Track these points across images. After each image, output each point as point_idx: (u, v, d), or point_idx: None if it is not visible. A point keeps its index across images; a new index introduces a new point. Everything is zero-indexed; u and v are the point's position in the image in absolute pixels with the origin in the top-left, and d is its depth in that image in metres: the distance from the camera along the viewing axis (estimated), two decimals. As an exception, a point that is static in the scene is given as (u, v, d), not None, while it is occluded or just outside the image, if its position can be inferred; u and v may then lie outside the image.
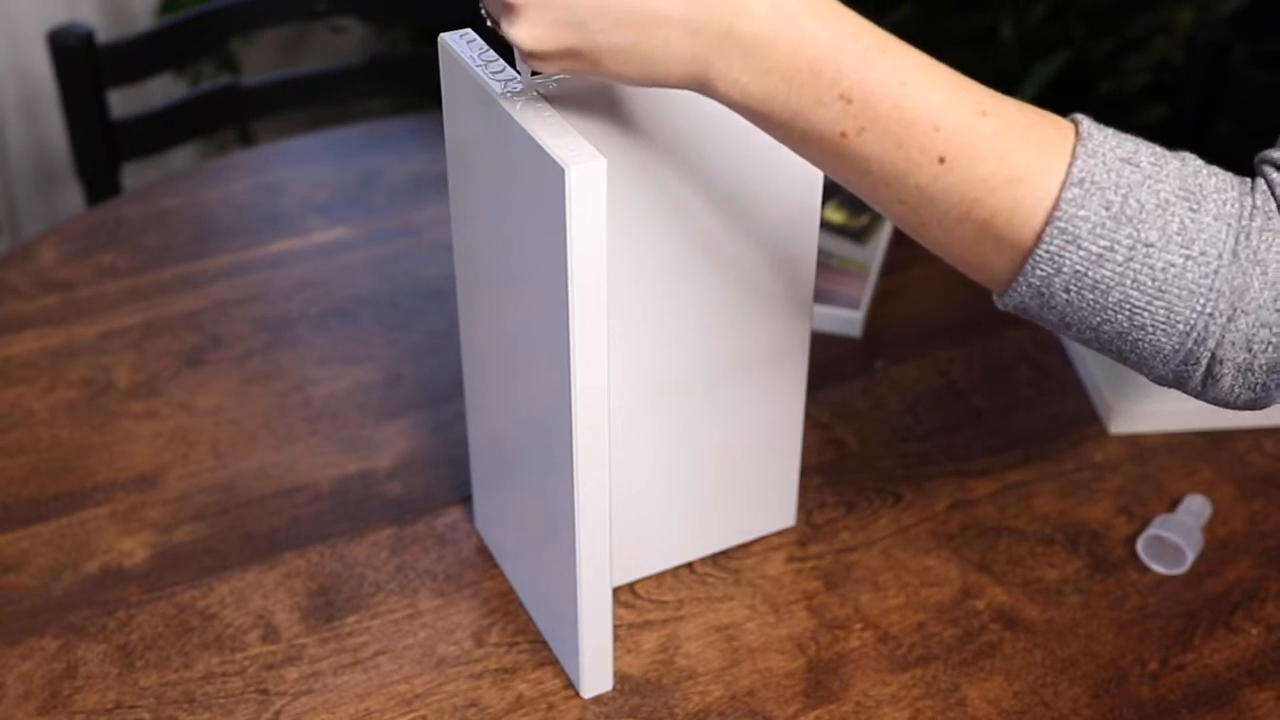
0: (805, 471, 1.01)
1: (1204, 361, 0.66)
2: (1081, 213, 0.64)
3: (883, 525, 0.97)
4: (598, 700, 0.85)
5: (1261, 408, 0.68)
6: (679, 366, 0.85)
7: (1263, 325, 0.64)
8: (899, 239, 1.25)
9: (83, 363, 1.11)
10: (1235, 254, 0.64)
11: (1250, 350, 0.65)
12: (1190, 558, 0.92)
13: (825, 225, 1.22)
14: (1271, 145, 0.70)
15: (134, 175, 2.25)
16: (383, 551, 0.95)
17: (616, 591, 0.92)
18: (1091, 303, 0.65)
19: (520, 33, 0.64)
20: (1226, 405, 0.68)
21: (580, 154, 0.67)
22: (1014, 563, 0.94)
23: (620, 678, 0.87)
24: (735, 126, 0.79)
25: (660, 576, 0.93)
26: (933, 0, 1.83)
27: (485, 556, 0.94)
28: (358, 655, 0.88)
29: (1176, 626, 0.90)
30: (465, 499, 0.99)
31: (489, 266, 0.80)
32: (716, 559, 0.94)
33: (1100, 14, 1.80)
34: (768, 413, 0.91)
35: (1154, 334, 0.65)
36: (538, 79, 0.72)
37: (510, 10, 0.64)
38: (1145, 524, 0.97)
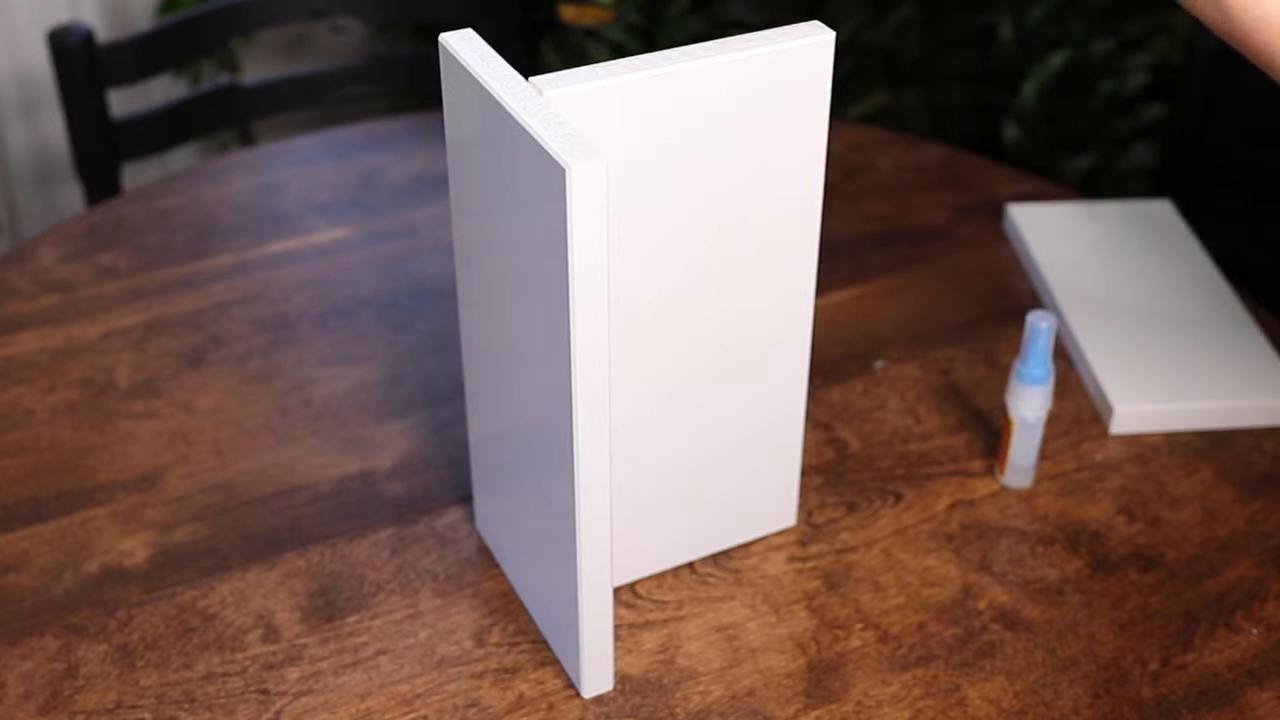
0: (805, 471, 1.01)
1: None
2: None
3: (883, 525, 0.97)
4: (598, 700, 0.85)
5: None
6: (679, 366, 0.86)
7: None
8: (900, 240, 1.25)
9: (83, 363, 1.11)
10: None
11: None
12: None
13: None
14: (1269, 146, 0.71)
15: (134, 175, 2.25)
16: (383, 551, 0.95)
17: (617, 591, 0.92)
18: None
19: None
20: None
21: (580, 154, 0.67)
22: (1014, 563, 0.94)
23: (621, 678, 0.87)
24: (736, 127, 0.79)
25: (661, 576, 0.93)
26: (933, 0, 1.83)
27: (485, 556, 0.94)
28: (358, 655, 0.88)
29: (1177, 626, 0.90)
30: (465, 499, 0.99)
31: (489, 266, 0.80)
32: (717, 559, 0.94)
33: (1100, 14, 1.80)
34: (768, 413, 0.91)
35: None
36: None
37: None
38: (1149, 523, 0.97)
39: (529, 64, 1.63)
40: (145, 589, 0.92)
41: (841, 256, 1.23)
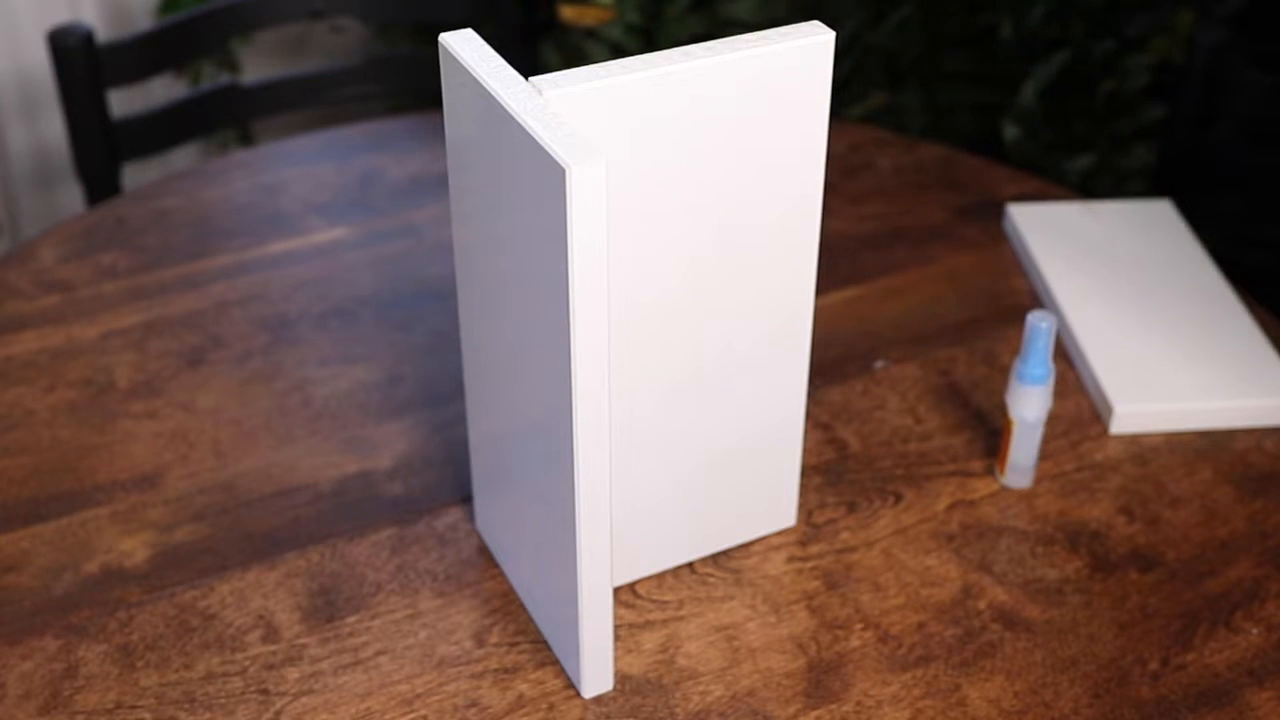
0: (805, 471, 1.01)
1: None
2: None
3: (883, 525, 0.97)
4: (598, 700, 0.85)
5: None
6: (679, 367, 0.86)
7: None
8: (900, 240, 1.25)
9: (83, 363, 1.11)
10: None
11: None
12: None
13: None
14: (1269, 146, 0.70)
15: (134, 175, 2.26)
16: (383, 551, 0.95)
17: (617, 591, 0.92)
18: None
19: None
20: None
21: (580, 154, 0.67)
22: (1014, 563, 0.94)
23: (621, 678, 0.87)
24: (736, 127, 0.79)
25: (661, 576, 0.93)
26: (933, 0, 1.83)
27: (485, 556, 0.94)
28: (358, 655, 0.88)
29: (1177, 626, 0.90)
30: (465, 499, 0.99)
31: (489, 266, 0.80)
32: (717, 559, 0.94)
33: (1100, 14, 1.80)
34: (768, 413, 0.91)
35: None
36: None
37: None
38: (1149, 523, 0.97)
39: (529, 64, 1.63)
40: (145, 589, 0.92)
41: (841, 256, 1.23)
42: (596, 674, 0.84)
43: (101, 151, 1.45)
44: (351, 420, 1.05)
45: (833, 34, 0.79)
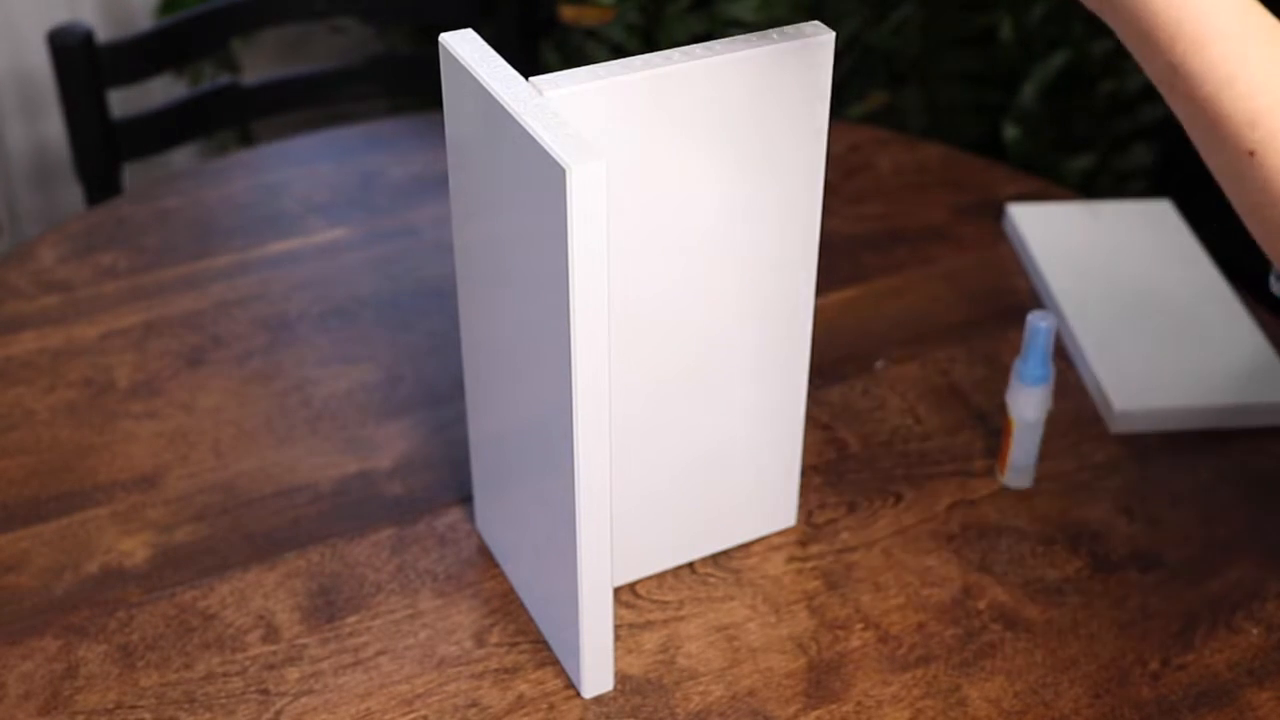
0: (805, 471, 1.01)
1: None
2: None
3: (883, 525, 0.97)
4: (599, 700, 0.85)
5: None
6: (679, 366, 0.86)
7: None
8: (899, 240, 1.25)
9: (83, 363, 1.11)
10: None
11: None
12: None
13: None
14: None
15: (134, 175, 2.25)
16: (383, 551, 0.95)
17: (617, 591, 0.92)
18: None
19: None
20: None
21: (580, 154, 0.67)
22: (1014, 563, 0.94)
23: (621, 678, 0.87)
24: (736, 127, 0.79)
25: (661, 576, 0.93)
26: (933, 0, 1.83)
27: (486, 556, 0.94)
28: (358, 655, 0.88)
29: (1177, 626, 0.90)
30: (465, 499, 0.99)
31: (489, 266, 0.80)
32: (717, 559, 0.94)
33: (1100, 14, 1.80)
34: (768, 413, 0.91)
35: None
36: None
37: None
38: (1149, 523, 0.97)
39: (529, 64, 1.63)
40: (145, 589, 0.92)
41: (841, 256, 1.23)
42: (596, 674, 0.84)
43: (101, 151, 1.45)
44: (351, 420, 1.05)
45: (833, 34, 0.79)
